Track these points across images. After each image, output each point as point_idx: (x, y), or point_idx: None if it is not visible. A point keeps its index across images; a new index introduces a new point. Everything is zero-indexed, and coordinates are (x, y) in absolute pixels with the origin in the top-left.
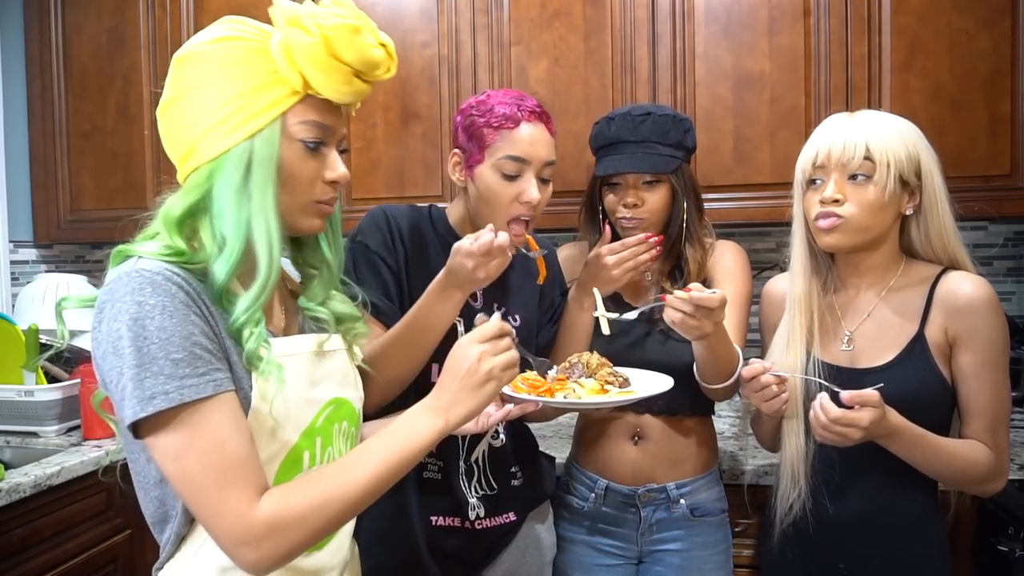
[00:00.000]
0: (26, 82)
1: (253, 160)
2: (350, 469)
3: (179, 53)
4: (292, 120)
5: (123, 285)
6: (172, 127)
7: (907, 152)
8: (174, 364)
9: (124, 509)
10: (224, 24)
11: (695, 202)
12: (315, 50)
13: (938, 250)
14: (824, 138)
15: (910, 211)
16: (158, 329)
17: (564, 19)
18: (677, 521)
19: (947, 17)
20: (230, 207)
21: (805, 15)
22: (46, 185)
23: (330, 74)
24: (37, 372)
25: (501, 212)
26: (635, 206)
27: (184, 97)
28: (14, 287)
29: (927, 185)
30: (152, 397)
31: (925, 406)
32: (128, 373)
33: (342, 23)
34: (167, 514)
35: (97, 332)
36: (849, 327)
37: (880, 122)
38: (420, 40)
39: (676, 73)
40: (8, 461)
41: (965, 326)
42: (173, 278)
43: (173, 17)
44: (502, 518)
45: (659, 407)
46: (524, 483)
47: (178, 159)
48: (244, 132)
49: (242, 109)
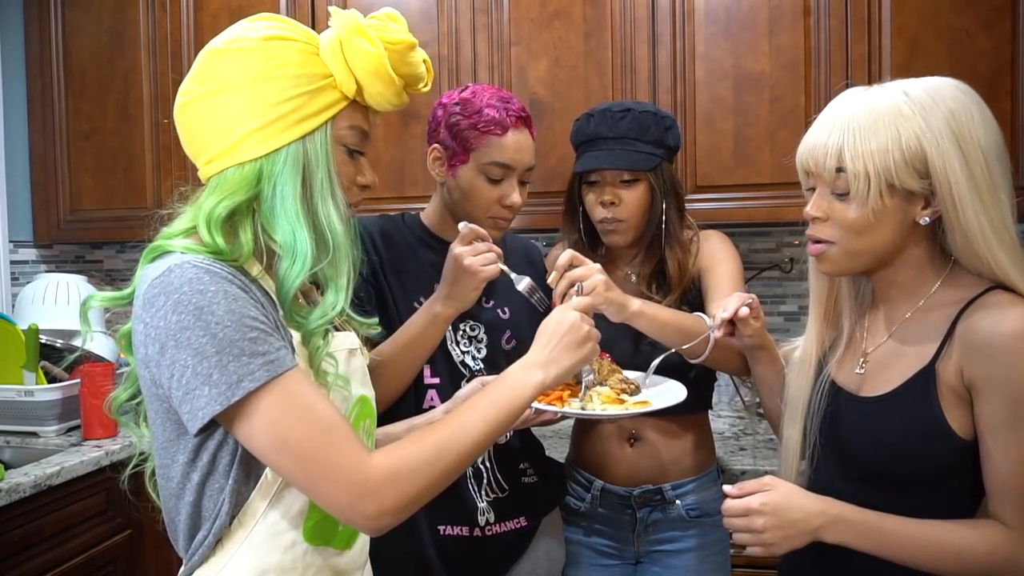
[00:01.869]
0: (26, 82)
1: (308, 163)
2: (461, 422)
3: (217, 47)
4: (340, 124)
5: (176, 277)
6: (205, 121)
7: (900, 150)
8: (252, 343)
9: (124, 509)
10: (268, 22)
11: (675, 202)
12: (377, 61)
13: (977, 261)
14: (808, 136)
15: (925, 220)
16: (227, 313)
17: (564, 19)
18: (673, 522)
19: (947, 17)
20: (293, 210)
21: (805, 15)
22: (46, 185)
23: (387, 85)
24: (37, 372)
25: (482, 211)
26: (612, 204)
27: (224, 92)
28: (14, 287)
29: (941, 184)
30: (239, 380)
31: (914, 454)
32: (203, 364)
33: (402, 39)
34: (201, 518)
35: (149, 328)
36: (869, 347)
37: (865, 113)
38: (420, 40)
39: (676, 73)
40: (8, 461)
41: (981, 370)
42: (222, 271)
43: (173, 17)
44: (513, 523)
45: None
46: (536, 481)
47: (209, 154)
48: (296, 133)
49: (296, 110)
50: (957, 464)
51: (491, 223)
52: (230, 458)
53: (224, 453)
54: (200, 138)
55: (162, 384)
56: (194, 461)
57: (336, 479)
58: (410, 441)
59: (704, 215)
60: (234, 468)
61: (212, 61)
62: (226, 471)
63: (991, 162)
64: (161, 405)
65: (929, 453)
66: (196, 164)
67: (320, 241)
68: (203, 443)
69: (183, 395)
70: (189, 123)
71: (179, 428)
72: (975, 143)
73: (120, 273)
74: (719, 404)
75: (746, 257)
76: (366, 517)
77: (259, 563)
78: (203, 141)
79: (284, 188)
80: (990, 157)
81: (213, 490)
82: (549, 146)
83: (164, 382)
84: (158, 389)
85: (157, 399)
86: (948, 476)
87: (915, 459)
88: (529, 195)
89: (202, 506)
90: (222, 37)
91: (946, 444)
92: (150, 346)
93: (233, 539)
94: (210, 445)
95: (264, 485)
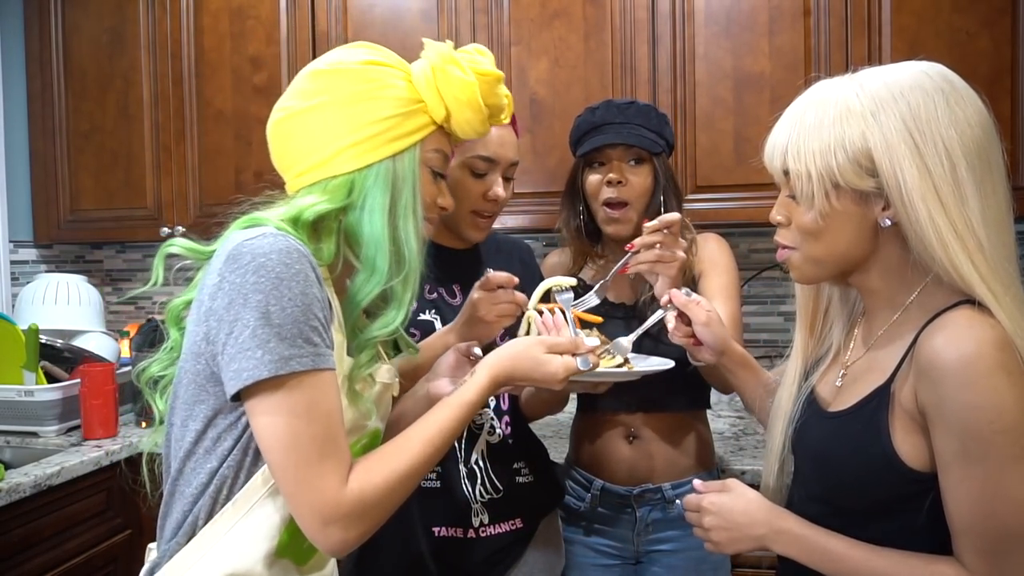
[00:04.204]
0: (26, 81)
1: (396, 180)
2: (418, 434)
3: (319, 67)
4: (427, 147)
5: (268, 243)
6: (302, 135)
7: (843, 149)
8: (311, 331)
9: (124, 509)
10: (366, 48)
11: (675, 195)
12: (470, 90)
13: (939, 268)
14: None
15: (886, 222)
16: (301, 295)
17: (564, 19)
18: (673, 521)
19: (947, 17)
20: (380, 224)
21: (805, 15)
22: (46, 185)
23: (475, 113)
24: (37, 372)
25: (467, 206)
26: (619, 183)
27: (323, 108)
28: (14, 287)
29: (889, 183)
30: (289, 359)
31: (858, 482)
32: (264, 329)
33: (491, 71)
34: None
35: (225, 282)
36: (850, 359)
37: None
38: (420, 40)
39: (676, 73)
40: (8, 461)
41: (931, 397)
42: (310, 257)
43: (173, 17)
44: (508, 524)
45: (653, 404)
46: (531, 481)
47: (303, 166)
48: (388, 151)
49: (390, 130)
50: (909, 497)
51: (471, 220)
52: (232, 443)
53: (228, 436)
54: (294, 151)
55: (215, 339)
56: (204, 431)
57: (313, 496)
58: (378, 461)
59: (704, 215)
60: (230, 456)
61: (313, 80)
62: (223, 455)
63: (957, 159)
64: (197, 364)
65: (872, 481)
66: (285, 177)
67: (397, 257)
68: (214, 418)
69: (235, 352)
70: (285, 137)
71: (201, 393)
72: (935, 138)
73: (120, 273)
74: (719, 404)
75: (746, 257)
76: (329, 543)
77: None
78: (297, 154)
79: (373, 202)
80: (956, 154)
81: (205, 469)
82: (549, 146)
83: (220, 337)
84: (209, 346)
85: (197, 358)
86: (899, 509)
87: (859, 487)
88: (529, 195)
89: (194, 481)
90: (324, 59)
91: (892, 474)
92: (220, 298)
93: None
94: (220, 422)
95: (251, 489)
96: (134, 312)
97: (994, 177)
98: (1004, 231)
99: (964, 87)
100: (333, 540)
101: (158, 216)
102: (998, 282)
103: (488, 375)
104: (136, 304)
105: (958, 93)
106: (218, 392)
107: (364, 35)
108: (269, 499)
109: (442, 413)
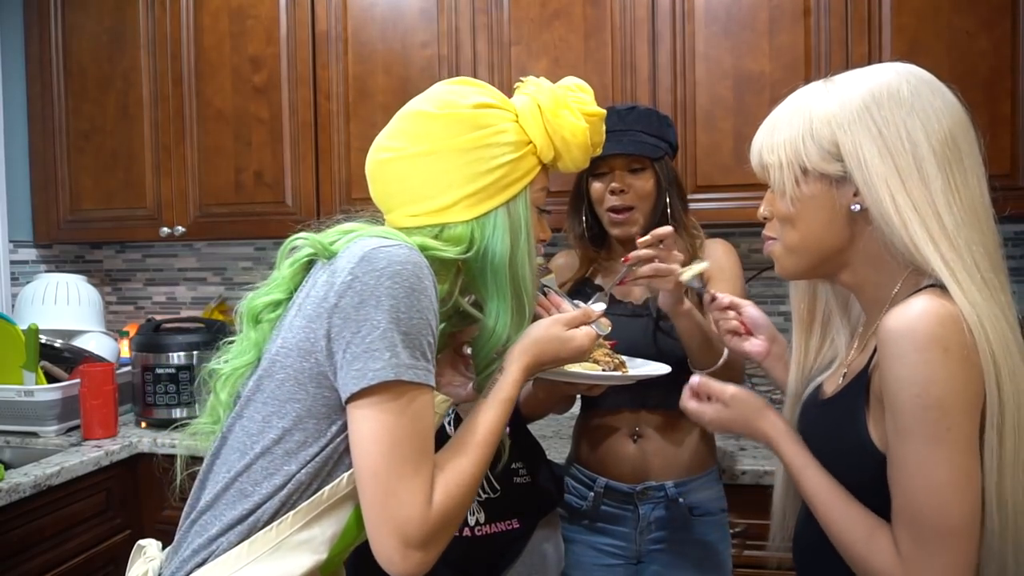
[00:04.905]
0: (26, 82)
1: (514, 226)
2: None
3: (428, 110)
4: (535, 187)
5: (404, 254)
6: (413, 179)
7: (810, 134)
8: (428, 347)
9: (124, 509)
10: (475, 89)
11: (679, 194)
12: (582, 134)
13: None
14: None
15: (856, 207)
16: (427, 309)
17: (564, 19)
18: (675, 520)
19: (947, 17)
20: (502, 274)
21: (805, 15)
22: (46, 185)
23: (584, 152)
24: (37, 372)
25: None
26: (622, 192)
27: (437, 155)
28: (14, 287)
29: (851, 163)
30: (411, 367)
31: (838, 464)
32: (393, 334)
33: (597, 111)
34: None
35: (357, 281)
36: (851, 357)
37: (787, 107)
38: (420, 40)
39: (676, 73)
40: (8, 461)
41: (880, 372)
42: (434, 278)
43: (173, 17)
44: (504, 524)
45: (656, 401)
46: (529, 482)
47: (418, 209)
48: (503, 198)
49: (504, 176)
50: (883, 480)
51: None
52: (316, 450)
53: (314, 443)
54: (402, 194)
55: (337, 337)
56: (289, 431)
57: (401, 509)
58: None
59: (704, 215)
60: (311, 463)
61: (423, 123)
62: (304, 460)
63: (918, 142)
64: (304, 362)
65: (852, 464)
66: (388, 214)
67: (517, 305)
68: (303, 420)
69: (361, 351)
70: (392, 178)
71: (299, 392)
72: (896, 123)
73: (120, 273)
74: None
75: (746, 257)
76: (410, 566)
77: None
78: (409, 196)
79: (494, 251)
80: (917, 138)
81: (282, 471)
82: None
83: (344, 335)
84: (328, 343)
85: (305, 355)
86: (874, 493)
87: (838, 469)
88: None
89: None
90: (432, 101)
91: (867, 457)
92: (349, 297)
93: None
94: (308, 425)
95: (316, 501)
96: (133, 312)
97: (964, 165)
98: (976, 215)
99: (933, 81)
100: (413, 563)
101: (158, 216)
102: (960, 264)
103: (519, 367)
104: (135, 304)
105: (926, 85)
106: (316, 394)
107: (364, 35)
108: (328, 513)
109: (486, 416)
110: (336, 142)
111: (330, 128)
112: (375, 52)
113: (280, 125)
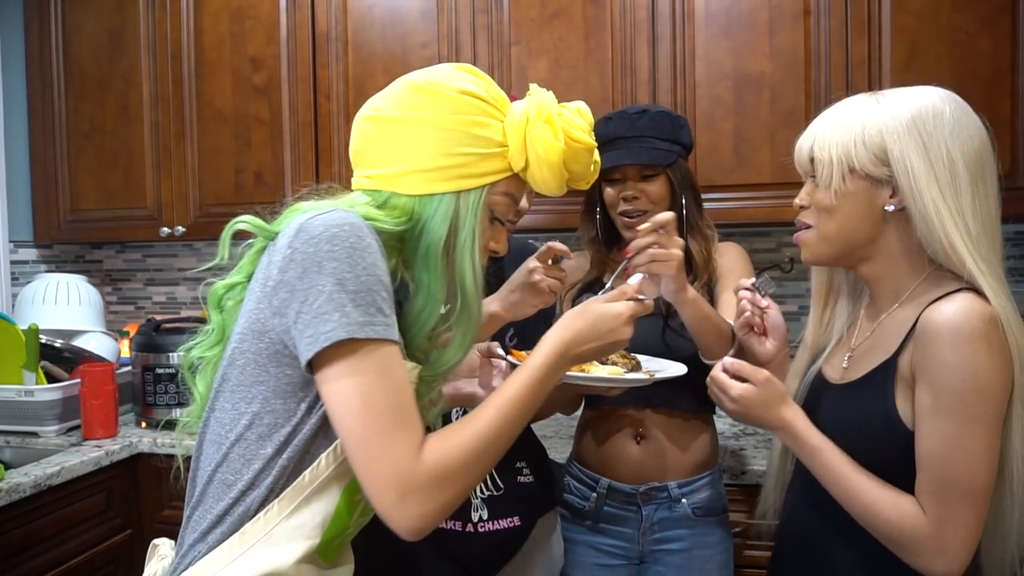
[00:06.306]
0: (26, 82)
1: (457, 218)
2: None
3: (417, 82)
4: (497, 189)
5: (339, 218)
6: (382, 142)
7: (862, 139)
8: (383, 301)
9: (124, 509)
10: (471, 77)
11: (693, 195)
12: (555, 153)
13: (938, 246)
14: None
15: (891, 207)
16: (372, 265)
17: (564, 19)
18: (678, 520)
19: (947, 17)
20: (434, 258)
21: (805, 15)
22: (46, 185)
23: (555, 176)
24: (37, 372)
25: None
26: (635, 198)
27: (408, 124)
28: (14, 287)
29: (898, 169)
30: (364, 324)
31: (868, 443)
32: (340, 295)
33: (584, 139)
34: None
35: (296, 252)
36: (856, 342)
37: (840, 112)
38: (420, 40)
39: (676, 73)
40: (8, 461)
41: (921, 358)
42: (377, 237)
43: (173, 17)
44: (505, 521)
45: (662, 400)
46: (533, 480)
47: (372, 171)
48: (454, 186)
49: (463, 166)
50: (910, 457)
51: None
52: (290, 431)
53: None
54: (370, 153)
55: (286, 311)
56: (259, 415)
57: (389, 467)
58: (456, 433)
59: None
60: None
61: (409, 93)
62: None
63: (956, 159)
64: (259, 343)
65: (881, 443)
66: (354, 168)
67: (463, 304)
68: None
69: (311, 318)
70: (367, 136)
71: (261, 374)
72: (939, 139)
73: (120, 273)
74: None
75: None
76: (409, 517)
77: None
78: (372, 157)
79: (430, 235)
80: (955, 155)
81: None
82: None
83: (293, 306)
84: (279, 319)
85: (260, 336)
86: (903, 471)
87: (867, 447)
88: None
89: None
90: (426, 74)
91: (897, 435)
92: (292, 270)
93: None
94: (277, 406)
95: (298, 487)
96: (134, 312)
97: (987, 182)
98: (992, 227)
99: (968, 108)
100: (412, 514)
101: (158, 216)
102: (987, 268)
103: (553, 340)
104: (136, 304)
105: (963, 110)
106: (278, 373)
107: (364, 35)
108: (315, 497)
109: (510, 383)
110: (336, 142)
111: (330, 128)
112: (375, 52)
113: (280, 125)
